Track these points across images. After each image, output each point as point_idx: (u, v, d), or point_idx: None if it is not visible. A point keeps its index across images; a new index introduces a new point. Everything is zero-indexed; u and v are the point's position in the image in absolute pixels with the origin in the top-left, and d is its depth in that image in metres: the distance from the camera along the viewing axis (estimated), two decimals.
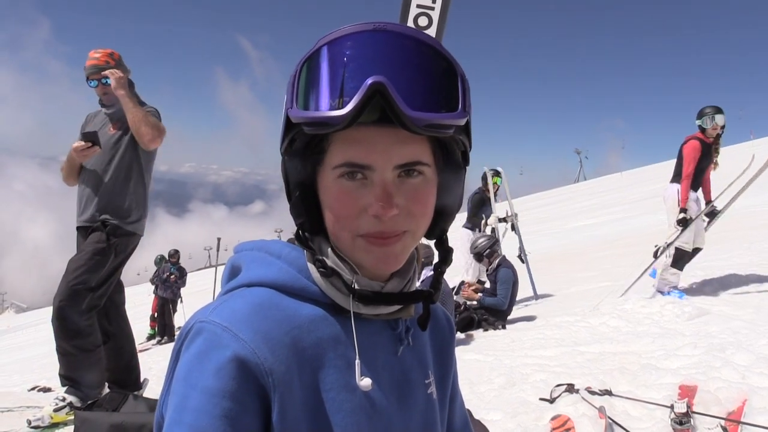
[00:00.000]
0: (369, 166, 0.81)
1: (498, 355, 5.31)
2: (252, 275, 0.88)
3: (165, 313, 13.31)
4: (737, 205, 7.00)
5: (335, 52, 0.79)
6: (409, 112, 0.76)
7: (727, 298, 5.95)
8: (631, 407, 3.33)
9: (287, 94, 0.82)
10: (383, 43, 0.79)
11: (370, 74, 0.76)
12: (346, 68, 0.78)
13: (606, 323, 5.72)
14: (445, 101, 0.80)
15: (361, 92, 0.75)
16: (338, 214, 0.83)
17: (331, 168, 0.82)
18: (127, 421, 2.18)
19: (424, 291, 0.92)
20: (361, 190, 0.82)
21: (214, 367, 0.75)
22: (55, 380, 6.49)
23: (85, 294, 3.58)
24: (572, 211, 30.99)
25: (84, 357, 3.59)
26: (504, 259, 7.47)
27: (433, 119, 0.78)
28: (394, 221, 0.82)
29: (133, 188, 3.85)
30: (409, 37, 0.80)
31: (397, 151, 0.81)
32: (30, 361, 13.47)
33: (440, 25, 3.10)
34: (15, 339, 25.84)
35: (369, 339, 0.89)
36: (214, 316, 0.80)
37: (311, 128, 0.79)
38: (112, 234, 3.72)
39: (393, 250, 0.85)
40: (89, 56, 3.92)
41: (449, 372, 1.08)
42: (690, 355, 4.07)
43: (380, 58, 0.78)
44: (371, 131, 0.79)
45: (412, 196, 0.83)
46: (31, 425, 3.43)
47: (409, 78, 0.78)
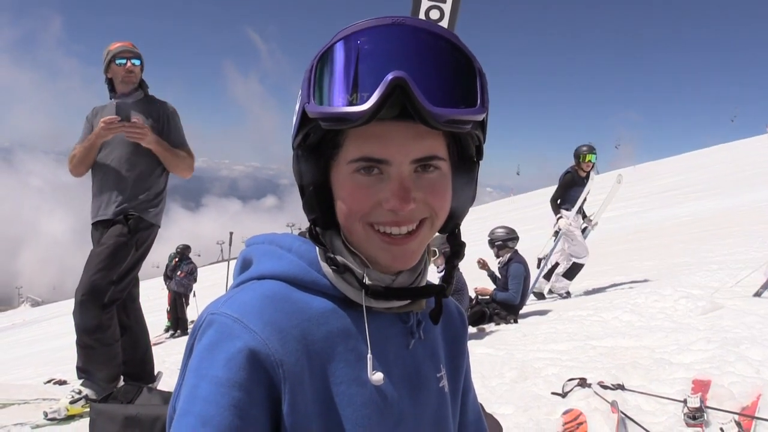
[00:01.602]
0: (386, 160, 0.80)
1: (510, 349, 5.30)
2: (263, 268, 0.89)
3: (177, 307, 13.39)
4: (750, 200, 6.95)
5: (353, 46, 0.78)
6: (431, 107, 0.75)
7: (742, 292, 5.90)
8: (644, 402, 3.32)
9: (303, 89, 0.82)
10: (402, 37, 0.78)
11: (390, 69, 0.75)
12: (365, 63, 0.77)
13: (619, 317, 5.69)
14: (464, 96, 0.80)
15: (382, 88, 0.75)
16: (352, 208, 0.83)
17: (346, 162, 0.82)
18: (142, 413, 2.20)
19: (436, 285, 0.92)
20: (378, 184, 0.82)
21: (224, 358, 0.76)
22: (71, 373, 6.57)
23: (107, 288, 3.60)
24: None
25: (103, 351, 3.63)
26: (516, 253, 7.45)
27: (453, 115, 0.78)
28: (410, 214, 0.83)
29: (154, 180, 3.88)
30: (427, 31, 0.79)
31: (414, 145, 0.81)
32: (45, 354, 13.63)
33: (452, 18, 3.09)
34: (31, 332, 26.13)
35: (380, 332, 0.89)
36: (225, 308, 0.81)
37: (328, 124, 0.78)
38: (134, 228, 3.75)
39: (409, 248, 0.85)
40: (113, 44, 3.95)
41: (461, 365, 1.08)
42: (704, 350, 4.04)
43: (399, 53, 0.77)
44: (388, 126, 0.79)
45: (429, 190, 0.83)
46: (47, 417, 3.47)
47: (429, 73, 0.77)
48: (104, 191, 3.83)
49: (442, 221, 0.88)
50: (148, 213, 3.83)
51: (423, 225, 0.85)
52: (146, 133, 3.65)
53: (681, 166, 16.81)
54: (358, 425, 0.83)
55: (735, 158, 12.29)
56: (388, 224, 0.83)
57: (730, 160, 11.78)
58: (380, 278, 0.88)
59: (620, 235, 15.78)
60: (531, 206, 39.30)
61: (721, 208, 14.02)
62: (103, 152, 3.83)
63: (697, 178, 27.40)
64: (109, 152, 3.82)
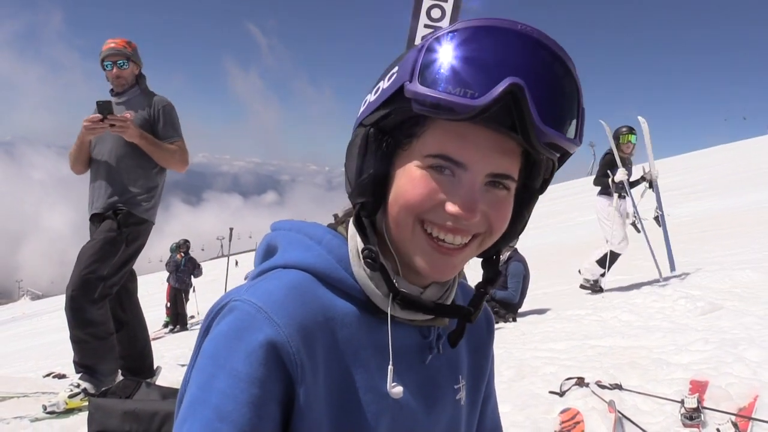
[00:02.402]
0: (464, 164, 0.77)
1: (508, 347, 5.31)
2: (289, 257, 0.85)
3: (177, 302, 13.41)
4: (750, 200, 6.98)
5: (475, 41, 0.74)
6: (540, 124, 0.73)
7: (740, 293, 5.91)
8: (641, 402, 3.33)
9: (405, 66, 0.76)
10: (526, 46, 0.75)
11: (509, 73, 0.72)
12: (483, 60, 0.73)
13: (617, 317, 5.70)
14: (569, 125, 0.77)
15: (500, 88, 0.71)
16: (412, 202, 0.79)
17: (421, 155, 0.78)
18: (140, 408, 2.21)
19: (463, 308, 0.88)
20: (446, 186, 0.78)
21: (245, 351, 0.73)
22: (70, 367, 6.58)
23: (97, 283, 3.61)
24: (585, 203, 30.80)
25: (97, 345, 3.64)
26: (515, 252, 7.45)
27: (556, 138, 0.75)
28: (471, 225, 0.80)
29: (146, 175, 3.87)
30: (550, 49, 0.76)
31: (496, 159, 0.77)
32: (45, 347, 13.64)
33: (453, 17, 3.08)
34: (30, 325, 26.17)
35: (399, 342, 0.86)
36: (249, 295, 0.78)
37: (426, 109, 0.74)
38: (123, 223, 3.75)
39: (454, 261, 0.82)
40: (106, 43, 3.96)
41: (484, 374, 1.05)
42: (701, 351, 4.05)
43: (521, 62, 0.74)
44: (476, 129, 0.75)
45: (495, 207, 0.80)
46: (46, 410, 3.48)
47: (544, 90, 0.74)
48: (96, 185, 3.85)
49: (492, 241, 0.85)
50: (139, 208, 3.82)
51: (474, 241, 0.82)
52: (128, 126, 3.62)
53: (680, 167, 16.76)
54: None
55: (735, 159, 12.26)
56: (444, 229, 0.79)
57: (731, 161, 11.80)
58: (409, 288, 0.85)
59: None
60: None
61: (721, 208, 14.01)
62: (97, 147, 3.85)
63: (697, 179, 27.38)
64: (101, 147, 3.84)
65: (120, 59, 3.87)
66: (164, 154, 3.82)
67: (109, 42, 3.95)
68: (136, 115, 3.81)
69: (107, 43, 3.94)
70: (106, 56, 3.90)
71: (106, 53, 3.90)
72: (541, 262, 11.43)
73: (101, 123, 3.60)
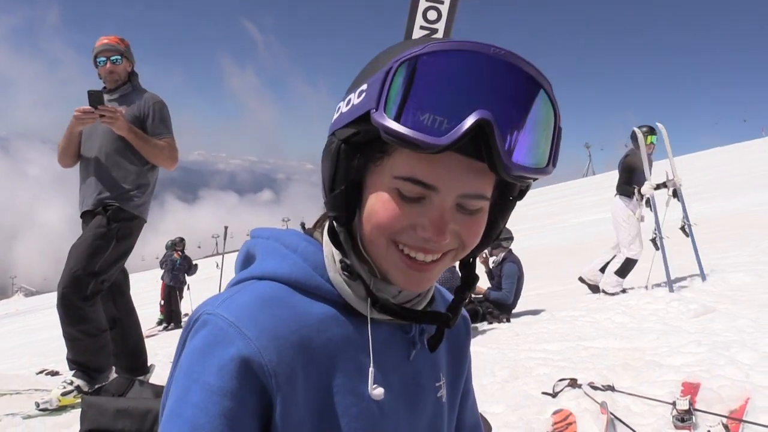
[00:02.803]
0: (435, 187, 0.75)
1: (502, 348, 5.33)
2: (264, 267, 0.85)
3: (171, 300, 13.38)
4: (745, 203, 7.00)
5: (443, 65, 0.71)
6: (507, 160, 0.72)
7: (733, 296, 5.94)
8: (633, 403, 3.34)
9: (372, 90, 0.74)
10: (498, 71, 0.72)
11: (478, 105, 0.70)
12: (453, 88, 0.71)
13: (611, 319, 5.72)
14: (540, 153, 0.75)
15: (466, 126, 0.69)
16: (382, 223, 0.78)
17: (391, 176, 0.77)
18: (133, 407, 2.21)
19: (442, 315, 0.88)
20: (417, 208, 0.77)
21: (217, 364, 0.74)
22: (63, 364, 6.56)
23: (88, 280, 3.59)
24: (581, 205, 30.90)
25: (90, 342, 3.63)
26: (510, 252, 7.47)
27: (524, 173, 0.74)
28: (440, 246, 0.79)
29: (137, 172, 3.85)
30: (522, 71, 0.73)
31: (467, 180, 0.76)
32: (38, 344, 13.59)
33: (449, 19, 3.08)
34: (23, 322, 26.06)
35: (380, 341, 0.87)
36: (222, 309, 0.78)
37: (392, 140, 0.72)
38: (113, 218, 3.72)
39: (429, 275, 0.82)
40: (99, 39, 3.96)
41: (462, 373, 1.06)
42: (694, 353, 4.07)
43: (491, 88, 0.71)
44: (447, 154, 0.73)
45: (466, 227, 0.80)
46: (39, 408, 3.48)
47: (515, 120, 0.72)
48: (86, 182, 3.83)
49: (465, 254, 0.85)
50: (129, 203, 3.79)
51: (447, 255, 0.82)
52: (118, 117, 3.60)
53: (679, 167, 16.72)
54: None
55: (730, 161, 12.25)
56: (415, 249, 0.79)
57: (725, 164, 11.78)
58: (386, 289, 0.85)
59: (614, 237, 15.81)
60: (526, 205, 39.36)
61: (715, 211, 14.06)
62: (86, 144, 3.84)
63: (691, 182, 27.46)
64: (90, 144, 3.83)
65: (114, 55, 3.87)
66: (153, 150, 3.79)
67: (102, 39, 3.94)
68: (127, 110, 3.80)
69: (100, 40, 3.94)
70: (100, 52, 3.89)
71: (99, 49, 3.89)
72: (535, 263, 11.44)
73: (91, 114, 3.58)
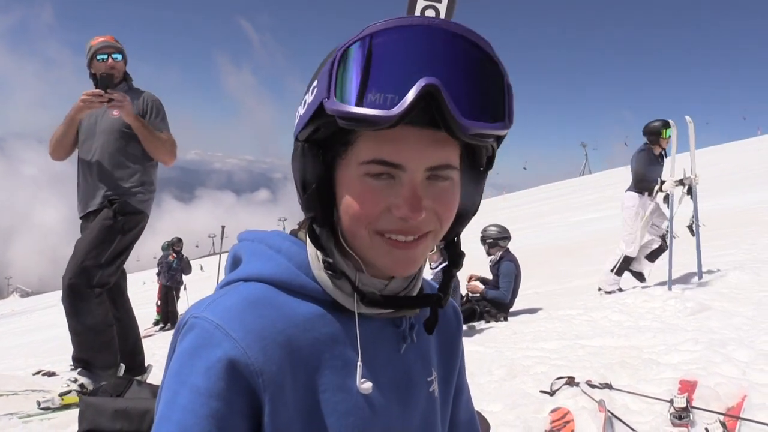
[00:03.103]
0: (400, 165, 0.77)
1: (499, 347, 5.33)
2: (250, 269, 0.86)
3: (168, 300, 13.37)
4: (741, 202, 6.99)
5: (384, 44, 0.73)
6: (461, 119, 0.72)
7: (730, 294, 5.95)
8: (631, 401, 3.35)
9: (322, 82, 0.76)
10: (437, 40, 0.74)
11: (422, 73, 0.71)
12: (396, 64, 0.73)
13: (608, 317, 5.72)
14: (493, 110, 0.76)
15: (414, 93, 0.71)
16: (358, 212, 0.80)
17: (357, 163, 0.78)
18: (131, 407, 2.21)
19: (433, 295, 0.89)
20: (388, 189, 0.78)
21: (204, 366, 0.75)
22: (60, 364, 6.56)
23: (95, 271, 3.58)
24: (576, 204, 30.95)
25: (95, 337, 3.61)
26: (507, 251, 7.47)
27: (481, 129, 0.74)
28: (419, 223, 0.80)
29: (140, 170, 3.85)
30: (464, 38, 0.75)
31: (432, 153, 0.77)
32: (34, 345, 13.57)
33: (447, 17, 3.09)
34: (20, 323, 26.02)
35: (370, 336, 0.87)
36: (207, 312, 0.79)
37: (348, 123, 0.74)
38: (120, 211, 3.72)
39: (413, 254, 0.83)
40: (95, 38, 3.94)
41: (455, 366, 1.06)
42: (691, 351, 4.07)
43: (433, 57, 0.73)
44: (405, 130, 0.75)
45: (440, 199, 0.81)
46: (40, 407, 3.46)
47: (461, 82, 0.74)
48: (89, 183, 3.81)
49: (445, 231, 0.85)
50: (134, 198, 3.79)
51: (428, 235, 0.83)
52: (127, 103, 3.59)
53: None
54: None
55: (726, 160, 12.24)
56: (395, 232, 0.80)
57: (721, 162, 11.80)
58: (372, 283, 0.85)
59: (611, 234, 15.84)
60: (523, 205, 39.42)
61: (712, 209, 14.09)
62: (86, 144, 3.81)
63: None
64: (90, 143, 3.80)
65: (115, 52, 3.87)
66: (155, 141, 3.77)
67: (97, 37, 3.93)
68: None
69: (96, 39, 3.93)
70: (101, 48, 3.87)
71: (100, 45, 3.88)
72: (532, 262, 11.46)
73: (101, 96, 3.55)
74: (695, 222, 7.12)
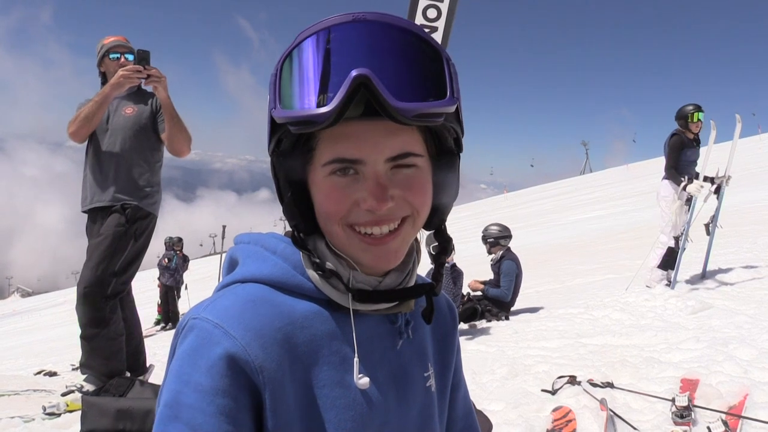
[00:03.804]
0: (360, 160, 0.79)
1: (501, 346, 5.33)
2: (246, 271, 0.88)
3: (169, 299, 13.37)
4: (742, 200, 6.97)
5: (315, 46, 0.77)
6: (396, 103, 0.74)
7: (731, 292, 5.95)
8: (633, 400, 3.35)
9: (269, 94, 0.81)
10: (364, 33, 0.77)
11: (353, 67, 0.74)
12: (328, 62, 0.76)
13: (609, 316, 5.73)
14: (433, 89, 0.78)
15: (345, 86, 0.73)
16: (330, 210, 0.82)
17: (320, 165, 0.81)
18: (134, 407, 2.21)
19: (426, 284, 0.91)
20: (353, 185, 0.80)
21: (206, 365, 0.76)
22: (61, 364, 6.57)
23: (109, 279, 3.59)
24: (577, 203, 30.95)
25: (107, 345, 3.61)
26: (508, 250, 7.47)
27: (421, 108, 0.76)
28: (389, 212, 0.81)
29: (151, 170, 3.85)
30: (390, 25, 0.78)
31: (388, 143, 0.79)
32: (35, 345, 13.59)
33: (449, 17, 3.08)
34: (20, 323, 26.04)
35: (367, 334, 0.88)
36: (207, 313, 0.80)
37: (297, 128, 0.77)
38: (132, 218, 3.72)
39: (391, 247, 0.84)
40: (107, 37, 3.95)
41: (450, 362, 1.07)
42: (692, 349, 4.08)
43: (362, 50, 0.76)
44: (359, 125, 0.77)
45: (407, 187, 0.82)
46: (45, 412, 3.44)
47: (394, 68, 0.76)
48: (102, 177, 3.77)
49: (424, 218, 0.86)
50: (145, 201, 3.80)
51: (405, 223, 0.84)
52: (164, 79, 3.66)
53: None
54: (341, 428, 0.82)
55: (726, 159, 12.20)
56: (368, 224, 0.82)
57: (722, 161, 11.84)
58: (366, 280, 0.86)
59: (612, 233, 15.85)
60: (524, 203, 39.43)
61: (712, 208, 14.06)
62: (103, 137, 3.80)
63: None
64: (103, 138, 3.79)
65: (127, 52, 3.88)
66: (180, 125, 3.78)
67: (109, 37, 3.95)
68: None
69: (108, 38, 3.94)
70: (114, 47, 3.87)
71: (113, 44, 3.88)
72: (533, 261, 11.46)
73: (139, 72, 3.61)
74: (713, 222, 7.03)
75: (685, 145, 6.94)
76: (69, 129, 3.80)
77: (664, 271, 6.94)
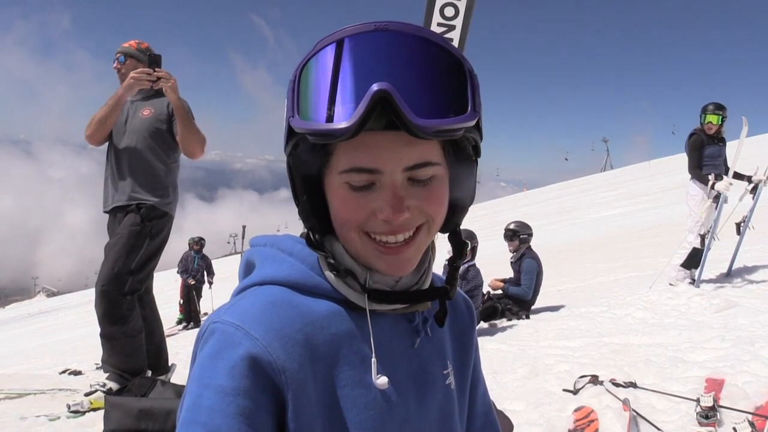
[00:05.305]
0: (377, 169, 0.78)
1: (522, 345, 5.30)
2: (264, 273, 0.88)
3: (190, 299, 13.49)
4: (764, 197, 6.84)
5: (336, 56, 0.76)
6: (416, 120, 0.73)
7: (757, 290, 5.85)
8: (656, 400, 3.31)
9: (287, 101, 0.80)
10: (386, 44, 0.76)
11: (374, 80, 0.73)
12: (348, 74, 0.75)
13: (631, 314, 5.67)
14: (454, 103, 0.77)
15: (366, 101, 0.72)
16: (345, 218, 0.82)
17: (337, 172, 0.80)
18: (156, 407, 2.23)
19: (440, 288, 0.91)
20: (370, 194, 0.80)
21: (227, 366, 0.76)
22: (86, 363, 6.65)
23: (126, 277, 3.65)
24: (598, 200, 30.64)
25: (127, 342, 3.67)
26: (528, 248, 7.43)
27: (441, 126, 0.75)
28: (405, 222, 0.81)
29: (166, 170, 3.90)
30: (412, 36, 0.77)
31: (406, 153, 0.78)
32: (61, 344, 13.78)
33: (467, 15, 3.07)
34: (46, 322, 26.43)
35: (385, 332, 0.89)
36: (227, 316, 0.80)
37: (314, 138, 0.77)
38: (147, 216, 3.77)
39: (405, 256, 0.84)
40: (129, 42, 4.04)
41: (469, 359, 1.07)
42: (717, 348, 4.01)
43: (384, 62, 0.75)
44: (378, 135, 0.76)
45: (424, 198, 0.81)
46: (70, 410, 3.51)
47: (415, 82, 0.75)
48: (119, 177, 3.85)
49: (439, 225, 0.86)
50: (161, 201, 3.85)
51: (420, 231, 0.84)
52: (174, 80, 3.71)
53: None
54: (362, 427, 0.83)
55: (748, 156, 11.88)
56: (384, 233, 0.82)
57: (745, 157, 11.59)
58: (383, 280, 0.87)
59: (634, 231, 15.67)
60: (544, 201, 39.15)
61: (735, 205, 13.86)
62: (118, 138, 3.87)
63: None
64: (121, 140, 3.85)
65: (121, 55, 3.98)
66: (193, 127, 3.82)
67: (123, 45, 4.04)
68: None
69: (130, 42, 4.05)
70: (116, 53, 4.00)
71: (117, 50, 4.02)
72: (554, 259, 11.39)
73: (149, 75, 3.69)
74: (746, 221, 6.88)
75: (705, 144, 6.79)
76: (86, 132, 3.89)
77: (687, 270, 6.81)
